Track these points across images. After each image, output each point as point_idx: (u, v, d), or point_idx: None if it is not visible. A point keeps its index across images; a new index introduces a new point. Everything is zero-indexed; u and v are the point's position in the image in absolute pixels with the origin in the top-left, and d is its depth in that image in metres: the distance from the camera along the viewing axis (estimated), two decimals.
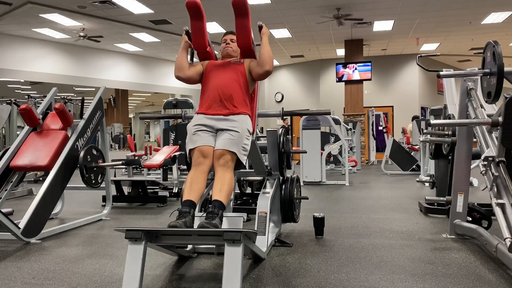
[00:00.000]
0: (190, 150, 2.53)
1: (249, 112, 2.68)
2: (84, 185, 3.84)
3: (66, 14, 9.85)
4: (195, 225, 2.25)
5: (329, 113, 3.40)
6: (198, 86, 2.87)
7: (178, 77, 2.80)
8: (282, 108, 3.21)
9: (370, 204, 5.08)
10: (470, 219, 3.35)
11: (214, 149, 2.49)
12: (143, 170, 7.93)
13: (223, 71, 2.74)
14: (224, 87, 2.65)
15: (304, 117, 7.53)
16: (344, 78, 12.99)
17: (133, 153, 9.71)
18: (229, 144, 2.46)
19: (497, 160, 2.55)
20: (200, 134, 2.54)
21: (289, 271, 2.47)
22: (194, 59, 2.97)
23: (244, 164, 2.57)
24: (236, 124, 2.54)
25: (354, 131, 10.23)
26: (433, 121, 2.84)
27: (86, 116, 4.03)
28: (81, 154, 3.71)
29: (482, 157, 2.64)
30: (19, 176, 3.89)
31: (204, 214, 2.28)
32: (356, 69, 12.84)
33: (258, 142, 3.53)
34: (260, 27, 2.79)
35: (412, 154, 9.37)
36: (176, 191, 5.49)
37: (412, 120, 11.34)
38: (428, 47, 13.61)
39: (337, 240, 3.24)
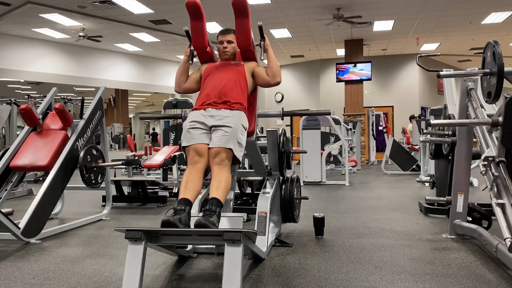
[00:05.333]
0: (184, 147, 2.56)
1: (244, 109, 2.68)
2: (84, 185, 3.84)
3: (66, 14, 9.85)
4: (192, 224, 2.24)
5: (329, 113, 3.41)
6: None
7: (176, 91, 2.96)
8: (282, 109, 3.21)
9: (370, 204, 5.08)
10: (470, 219, 3.35)
11: (209, 147, 2.49)
12: (143, 170, 7.93)
13: (222, 72, 2.78)
14: (222, 86, 2.68)
15: (304, 117, 7.53)
16: (344, 78, 13.01)
17: (133, 153, 9.72)
18: (224, 141, 2.45)
19: (497, 160, 2.55)
20: (194, 132, 2.54)
21: (289, 271, 2.47)
22: (195, 59, 2.98)
23: (240, 159, 2.55)
24: (230, 120, 2.53)
25: (354, 131, 10.23)
26: (433, 121, 2.84)
27: (86, 116, 4.03)
28: (81, 154, 3.71)
29: (482, 157, 2.64)
30: (19, 176, 3.89)
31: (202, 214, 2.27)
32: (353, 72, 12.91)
33: (258, 142, 3.52)
34: (260, 28, 2.80)
35: (412, 154, 9.37)
36: (176, 191, 5.49)
37: (410, 120, 11.35)
38: (428, 47, 13.61)
39: (337, 240, 3.24)
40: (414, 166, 9.02)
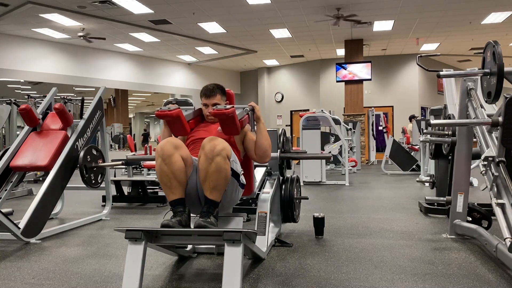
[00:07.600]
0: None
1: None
2: (84, 185, 3.84)
3: (66, 14, 9.85)
4: (191, 225, 2.24)
5: (330, 157, 3.46)
6: (198, 86, 2.84)
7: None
8: (279, 151, 3.17)
9: (370, 204, 5.08)
10: (470, 219, 3.35)
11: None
12: (143, 170, 7.94)
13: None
14: None
15: (304, 117, 7.54)
16: (344, 78, 13.01)
17: (133, 153, 9.72)
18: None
19: (497, 160, 2.55)
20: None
21: (289, 271, 2.47)
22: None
23: (236, 169, 2.33)
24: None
25: (354, 131, 10.23)
26: (433, 121, 2.84)
27: (86, 116, 4.03)
28: (81, 154, 3.71)
29: (482, 157, 2.64)
30: (19, 176, 3.89)
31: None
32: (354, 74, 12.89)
33: None
34: (252, 110, 2.53)
35: (412, 154, 9.37)
36: None
37: (410, 120, 11.35)
38: (428, 47, 13.61)
39: (337, 240, 3.24)
40: (414, 166, 9.02)
